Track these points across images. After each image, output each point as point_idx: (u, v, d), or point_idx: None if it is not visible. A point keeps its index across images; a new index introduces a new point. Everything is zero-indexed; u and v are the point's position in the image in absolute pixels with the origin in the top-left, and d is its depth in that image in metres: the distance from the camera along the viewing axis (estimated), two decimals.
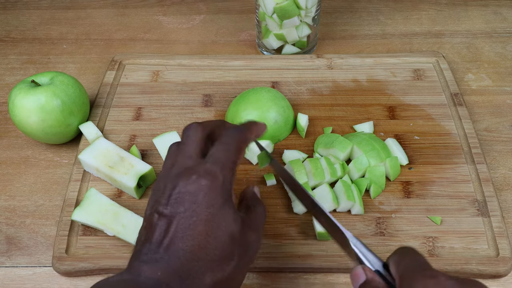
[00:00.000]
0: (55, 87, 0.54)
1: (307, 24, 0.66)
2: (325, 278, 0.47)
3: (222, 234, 0.34)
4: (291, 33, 0.65)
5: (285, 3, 0.61)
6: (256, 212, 0.38)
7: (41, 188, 0.55)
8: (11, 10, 0.80)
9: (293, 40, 0.67)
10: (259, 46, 0.71)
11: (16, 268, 0.49)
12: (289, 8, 0.61)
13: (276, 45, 0.68)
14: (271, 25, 0.65)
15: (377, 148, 0.52)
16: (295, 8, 0.61)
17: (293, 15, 0.62)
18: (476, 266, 0.46)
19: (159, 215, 0.35)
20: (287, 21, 0.63)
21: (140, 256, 0.34)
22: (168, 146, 0.53)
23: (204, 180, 0.34)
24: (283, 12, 0.62)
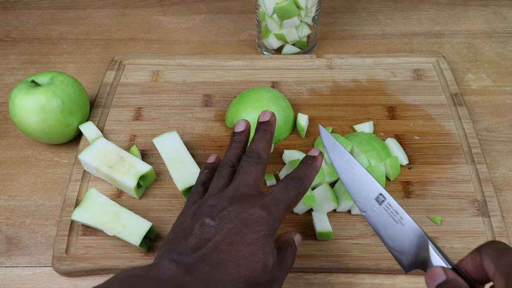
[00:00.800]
0: (55, 87, 0.54)
1: (307, 24, 0.66)
2: (325, 278, 0.47)
3: (258, 260, 0.35)
4: (291, 33, 0.65)
5: (285, 3, 0.61)
6: (286, 255, 0.39)
7: (41, 188, 0.55)
8: (11, 10, 0.80)
9: (293, 40, 0.67)
10: (259, 46, 0.71)
11: (16, 268, 0.49)
12: (289, 8, 0.61)
13: (276, 45, 0.68)
14: (271, 25, 0.65)
15: (377, 148, 0.52)
16: (295, 8, 0.61)
17: (293, 15, 0.62)
18: None
19: (203, 223, 0.36)
20: (287, 21, 0.63)
21: (172, 254, 0.34)
22: (168, 146, 0.53)
23: (259, 210, 0.36)
24: (283, 12, 0.62)
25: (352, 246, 0.48)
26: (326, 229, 0.47)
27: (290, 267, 0.39)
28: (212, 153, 0.56)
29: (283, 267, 0.38)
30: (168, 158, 0.53)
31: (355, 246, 0.48)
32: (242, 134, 0.45)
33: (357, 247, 0.48)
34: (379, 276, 0.47)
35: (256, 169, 0.40)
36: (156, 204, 0.52)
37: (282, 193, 0.39)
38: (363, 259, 0.47)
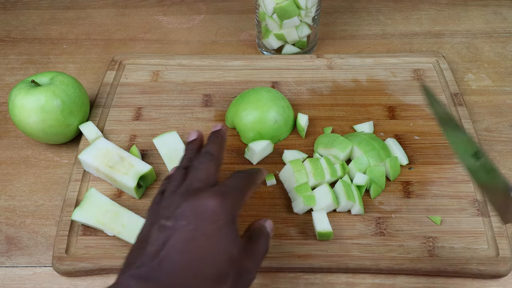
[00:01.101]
0: (55, 87, 0.54)
1: (307, 24, 0.66)
2: (325, 278, 0.47)
3: (221, 252, 0.34)
4: (291, 33, 0.65)
5: (285, 3, 0.61)
6: (257, 243, 0.38)
7: (41, 188, 0.55)
8: (11, 10, 0.80)
9: (293, 40, 0.67)
10: (259, 46, 0.71)
11: (16, 268, 0.49)
12: (289, 8, 0.61)
13: (276, 45, 0.68)
14: (271, 25, 0.65)
15: (377, 148, 0.52)
16: (295, 8, 0.62)
17: (293, 15, 0.62)
18: (476, 266, 0.46)
19: (159, 227, 0.34)
20: (287, 21, 0.63)
21: (131, 270, 0.33)
22: (168, 146, 0.53)
23: (213, 199, 0.35)
24: (283, 12, 0.62)
25: (352, 246, 0.48)
26: (326, 229, 0.47)
27: (263, 255, 0.38)
28: None
29: (255, 255, 0.37)
30: (168, 158, 0.53)
31: (355, 246, 0.48)
32: (194, 142, 0.44)
33: (357, 247, 0.48)
34: (379, 276, 0.47)
35: (207, 165, 0.39)
36: None
37: (235, 181, 0.38)
38: (363, 259, 0.47)
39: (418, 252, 0.47)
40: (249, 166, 0.55)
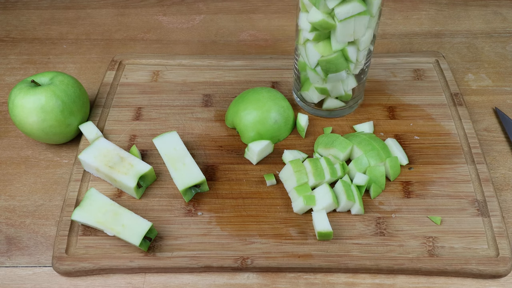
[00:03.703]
0: (55, 87, 0.54)
1: (354, 77, 0.56)
2: (325, 278, 0.47)
3: None
4: (337, 88, 0.56)
5: (333, 56, 0.51)
6: None
7: (41, 188, 0.55)
8: (11, 10, 0.80)
9: (338, 94, 0.57)
10: (296, 96, 0.62)
11: (16, 268, 0.49)
12: (337, 61, 0.52)
13: (317, 99, 0.58)
14: (313, 78, 0.55)
15: (377, 148, 0.52)
16: (343, 61, 0.52)
17: (340, 69, 0.53)
18: (476, 266, 0.46)
19: None
20: (333, 75, 0.54)
21: None
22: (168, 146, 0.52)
23: None
24: (329, 65, 0.52)
25: (352, 246, 0.48)
26: (326, 229, 0.47)
27: None
28: (212, 153, 0.56)
29: None
30: (168, 158, 0.53)
31: (355, 246, 0.48)
32: None
33: (357, 247, 0.48)
34: (379, 276, 0.47)
35: None
36: (156, 204, 0.52)
37: None
38: (363, 259, 0.47)
39: (418, 252, 0.47)
40: (249, 166, 0.55)
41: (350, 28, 0.48)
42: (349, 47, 0.50)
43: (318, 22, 0.48)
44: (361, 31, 0.49)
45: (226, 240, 0.49)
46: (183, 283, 0.47)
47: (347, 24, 0.48)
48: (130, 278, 0.48)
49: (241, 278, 0.47)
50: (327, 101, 0.58)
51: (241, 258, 0.47)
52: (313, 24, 0.49)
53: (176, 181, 0.51)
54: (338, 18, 0.47)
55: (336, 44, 0.50)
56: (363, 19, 0.48)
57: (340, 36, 0.49)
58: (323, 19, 0.47)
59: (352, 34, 0.49)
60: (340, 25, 0.48)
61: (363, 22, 0.48)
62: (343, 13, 0.47)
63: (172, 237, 0.49)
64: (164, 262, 0.47)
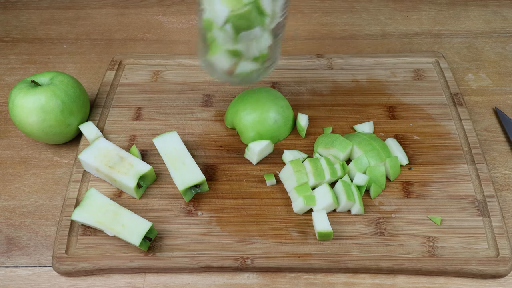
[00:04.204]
0: (55, 87, 0.54)
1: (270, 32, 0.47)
2: (325, 278, 0.47)
3: None
4: (250, 48, 0.46)
5: (245, 9, 0.42)
6: None
7: (41, 188, 0.55)
8: (11, 10, 0.80)
9: (252, 56, 0.48)
10: (202, 63, 0.52)
11: (16, 268, 0.49)
12: (250, 16, 0.42)
13: (227, 64, 0.48)
14: (222, 38, 0.45)
15: (377, 148, 0.52)
16: (257, 15, 0.43)
17: (254, 25, 0.44)
18: (476, 266, 0.46)
19: None
20: (246, 33, 0.44)
21: None
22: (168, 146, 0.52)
23: None
24: (241, 21, 0.43)
25: (352, 246, 0.48)
26: (326, 229, 0.47)
27: None
28: (212, 153, 0.56)
29: None
30: (168, 158, 0.53)
31: (355, 246, 0.48)
32: None
33: (357, 247, 0.48)
34: (379, 276, 0.47)
35: None
36: (156, 204, 0.52)
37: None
38: (363, 259, 0.47)
39: (418, 252, 0.47)
40: (249, 166, 0.55)
41: None
42: None
43: None
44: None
45: (226, 240, 0.49)
46: (183, 283, 0.47)
47: None
48: (130, 278, 0.48)
49: (241, 278, 0.47)
50: (240, 65, 0.48)
51: (241, 258, 0.47)
52: None
53: (176, 181, 0.51)
54: None
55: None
56: None
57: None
58: None
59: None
60: None
61: None
62: None
63: (172, 237, 0.49)
64: (164, 262, 0.47)
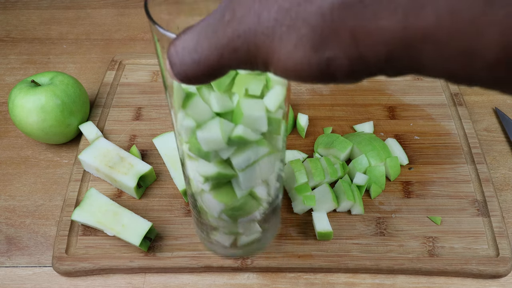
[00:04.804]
0: (55, 87, 0.54)
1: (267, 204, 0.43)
2: (325, 278, 0.47)
3: None
4: (251, 227, 0.43)
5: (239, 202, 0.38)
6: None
7: (41, 188, 0.55)
8: (11, 10, 0.80)
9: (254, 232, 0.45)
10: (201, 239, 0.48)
11: (16, 268, 0.49)
12: (246, 206, 0.39)
13: (229, 242, 0.45)
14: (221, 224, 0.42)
15: (377, 148, 0.52)
16: (253, 203, 0.39)
17: (252, 212, 0.40)
18: (476, 266, 0.46)
19: None
20: (244, 219, 0.41)
21: None
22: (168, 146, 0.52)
23: None
24: (237, 212, 0.40)
25: (352, 246, 0.48)
26: (326, 229, 0.47)
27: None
28: None
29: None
30: (168, 158, 0.53)
31: (355, 246, 0.48)
32: None
33: (357, 247, 0.48)
34: (379, 276, 0.47)
35: None
36: (156, 204, 0.52)
37: None
38: (363, 259, 0.47)
39: (418, 252, 0.47)
40: None
41: (255, 173, 0.36)
42: (257, 188, 0.38)
43: (213, 175, 0.35)
44: (268, 171, 0.37)
45: None
46: (183, 283, 0.47)
47: (252, 170, 0.35)
48: (130, 278, 0.48)
49: (241, 278, 0.47)
50: (241, 239, 0.45)
51: (241, 258, 0.47)
52: (207, 177, 0.36)
53: (176, 181, 0.51)
54: (238, 169, 0.35)
55: (241, 191, 0.37)
56: (269, 158, 0.36)
57: (245, 184, 0.36)
58: (219, 171, 0.35)
59: (259, 176, 0.37)
60: (242, 174, 0.35)
61: (270, 161, 0.36)
62: (243, 162, 0.34)
63: (172, 237, 0.49)
64: (164, 262, 0.47)
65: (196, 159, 0.35)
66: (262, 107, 0.31)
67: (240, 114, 0.31)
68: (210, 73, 0.21)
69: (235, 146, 0.33)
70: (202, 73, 0.21)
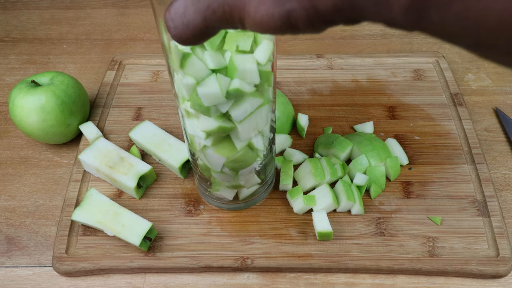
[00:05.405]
0: (55, 87, 0.54)
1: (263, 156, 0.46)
2: (325, 278, 0.47)
3: None
4: (251, 179, 0.47)
5: (239, 154, 0.42)
6: None
7: (41, 188, 0.55)
8: (11, 10, 0.80)
9: (254, 183, 0.49)
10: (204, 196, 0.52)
11: (16, 268, 0.49)
12: (245, 157, 0.43)
13: (232, 195, 0.49)
14: (222, 178, 0.46)
15: (377, 148, 0.52)
16: (252, 154, 0.43)
17: (251, 163, 0.44)
18: (476, 266, 0.46)
19: None
20: (244, 170, 0.45)
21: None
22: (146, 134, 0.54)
23: None
24: (237, 164, 0.43)
25: (352, 246, 0.48)
26: (326, 229, 0.47)
27: None
28: None
29: None
30: (152, 145, 0.54)
31: (355, 246, 0.48)
32: None
33: (357, 247, 0.48)
34: (379, 276, 0.47)
35: None
36: (156, 204, 0.52)
37: None
38: (363, 259, 0.47)
39: (418, 252, 0.47)
40: None
41: (252, 123, 0.40)
42: (254, 139, 0.42)
43: (214, 129, 0.39)
44: (263, 121, 0.41)
45: (226, 240, 0.49)
46: (183, 283, 0.47)
47: (249, 122, 0.39)
48: (130, 278, 0.48)
49: (241, 278, 0.47)
50: (242, 191, 0.49)
51: (241, 258, 0.47)
52: (208, 132, 0.39)
53: (170, 161, 0.52)
54: (236, 121, 0.38)
55: (240, 142, 0.41)
56: (264, 109, 0.40)
57: (243, 135, 0.40)
58: (220, 125, 0.38)
59: (256, 127, 0.40)
60: (241, 125, 0.39)
61: (264, 112, 0.40)
62: (240, 114, 0.38)
63: (172, 237, 0.49)
64: (164, 262, 0.47)
65: (197, 116, 0.39)
66: (253, 60, 0.35)
67: (234, 68, 0.34)
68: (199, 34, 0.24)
69: (233, 100, 0.37)
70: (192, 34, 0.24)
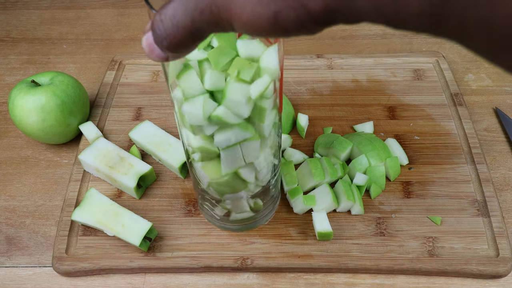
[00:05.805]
0: (55, 87, 0.54)
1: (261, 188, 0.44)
2: (325, 278, 0.47)
3: None
4: (239, 205, 0.45)
5: (224, 179, 0.40)
6: None
7: (41, 188, 0.55)
8: (11, 10, 0.80)
9: (242, 211, 0.47)
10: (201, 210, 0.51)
11: (16, 268, 0.49)
12: (231, 184, 0.41)
13: (220, 213, 0.47)
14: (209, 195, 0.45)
15: (377, 148, 0.52)
16: (239, 182, 0.41)
17: (238, 190, 0.42)
18: (476, 266, 0.46)
19: None
20: (230, 195, 0.43)
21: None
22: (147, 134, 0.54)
23: None
24: (221, 188, 0.42)
25: (352, 246, 0.48)
26: (326, 229, 0.47)
27: None
28: None
29: None
30: (152, 145, 0.54)
31: (355, 246, 0.48)
32: None
33: (357, 247, 0.48)
34: (379, 276, 0.47)
35: None
36: (156, 204, 0.52)
37: None
38: (363, 259, 0.47)
39: (418, 252, 0.47)
40: None
41: (237, 154, 0.37)
42: (242, 170, 0.39)
43: (198, 147, 0.37)
44: (253, 155, 0.38)
45: (226, 240, 0.49)
46: (183, 283, 0.47)
47: (233, 151, 0.37)
48: (130, 278, 0.48)
49: (241, 278, 0.47)
50: (232, 214, 0.47)
51: (241, 258, 0.47)
52: (194, 149, 0.38)
53: (170, 161, 0.52)
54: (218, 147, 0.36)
55: (226, 167, 0.38)
56: (254, 144, 0.37)
57: (227, 163, 0.38)
58: (202, 146, 0.37)
59: (241, 159, 0.38)
60: (224, 153, 0.37)
61: (254, 146, 0.37)
62: (223, 141, 0.35)
63: (172, 237, 0.49)
64: (164, 262, 0.47)
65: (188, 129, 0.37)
66: (245, 92, 0.32)
67: (224, 95, 0.32)
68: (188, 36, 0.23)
69: (217, 125, 0.34)
70: (181, 36, 0.23)
